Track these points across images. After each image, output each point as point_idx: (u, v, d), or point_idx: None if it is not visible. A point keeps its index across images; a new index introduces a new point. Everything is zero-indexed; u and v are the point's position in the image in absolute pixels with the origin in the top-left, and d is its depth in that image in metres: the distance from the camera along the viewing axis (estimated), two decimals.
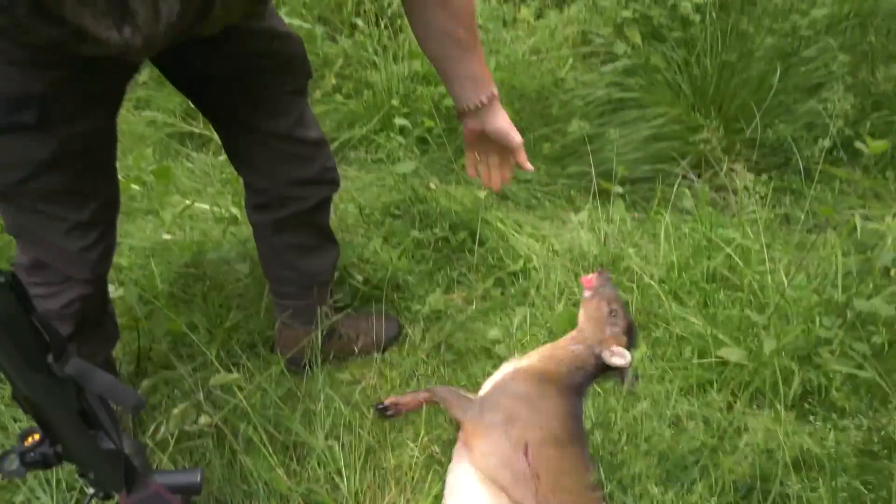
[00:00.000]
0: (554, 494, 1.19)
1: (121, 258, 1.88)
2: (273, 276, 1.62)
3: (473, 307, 1.89)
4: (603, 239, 2.01)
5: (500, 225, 2.09)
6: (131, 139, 2.43)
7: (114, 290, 1.70)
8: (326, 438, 1.45)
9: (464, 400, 1.36)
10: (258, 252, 1.60)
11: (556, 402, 1.27)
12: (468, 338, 1.81)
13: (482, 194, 1.99)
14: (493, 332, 1.77)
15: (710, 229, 1.96)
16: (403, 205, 2.13)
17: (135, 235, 1.97)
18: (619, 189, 2.05)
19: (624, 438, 1.48)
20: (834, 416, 1.45)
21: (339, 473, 1.41)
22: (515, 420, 1.24)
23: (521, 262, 2.01)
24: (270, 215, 1.47)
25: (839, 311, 1.58)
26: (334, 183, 1.50)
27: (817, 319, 1.57)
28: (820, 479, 1.32)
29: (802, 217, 2.18)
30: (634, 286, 1.90)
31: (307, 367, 1.65)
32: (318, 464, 1.43)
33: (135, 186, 2.07)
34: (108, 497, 0.96)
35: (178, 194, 2.14)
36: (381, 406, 1.49)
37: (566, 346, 1.36)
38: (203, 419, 1.46)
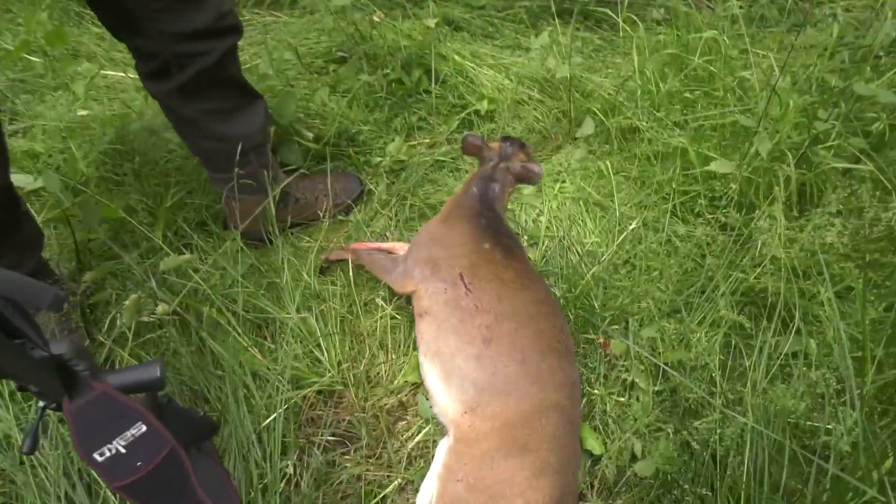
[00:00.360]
0: (498, 321, 1.12)
1: (34, 143, 1.65)
2: (200, 150, 1.41)
3: (438, 152, 1.74)
4: (568, 61, 1.82)
5: (456, 58, 1.88)
6: (20, 6, 2.08)
7: (32, 182, 1.50)
8: (298, 311, 1.35)
9: (386, 261, 1.36)
10: (175, 129, 1.38)
11: (463, 226, 1.28)
12: (437, 189, 1.67)
13: (432, 23, 1.75)
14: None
15: (687, 33, 1.78)
16: (347, 46, 1.89)
17: (46, 116, 1.72)
18: None
19: (618, 266, 1.40)
20: (831, 217, 1.37)
21: (319, 346, 1.31)
22: (438, 262, 1.23)
23: (484, 99, 1.83)
24: (172, 82, 1.24)
25: (835, 100, 1.45)
26: (236, 31, 1.27)
27: (812, 113, 1.45)
28: (821, 287, 1.26)
29: (784, 18, 2.00)
30: (606, 108, 1.75)
31: (266, 239, 1.51)
32: (294, 338, 1.33)
33: (34, 59, 1.78)
34: (60, 407, 0.86)
35: (87, 63, 1.86)
36: (321, 270, 1.49)
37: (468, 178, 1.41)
38: (160, 308, 1.32)
